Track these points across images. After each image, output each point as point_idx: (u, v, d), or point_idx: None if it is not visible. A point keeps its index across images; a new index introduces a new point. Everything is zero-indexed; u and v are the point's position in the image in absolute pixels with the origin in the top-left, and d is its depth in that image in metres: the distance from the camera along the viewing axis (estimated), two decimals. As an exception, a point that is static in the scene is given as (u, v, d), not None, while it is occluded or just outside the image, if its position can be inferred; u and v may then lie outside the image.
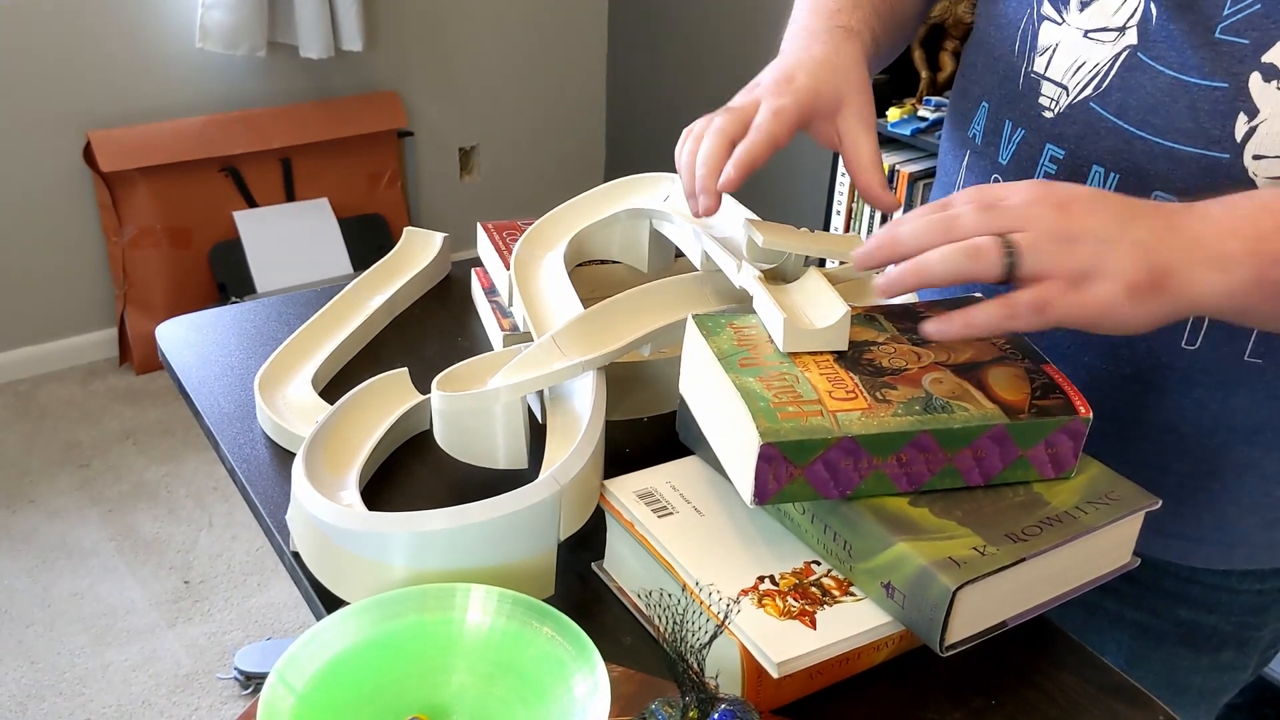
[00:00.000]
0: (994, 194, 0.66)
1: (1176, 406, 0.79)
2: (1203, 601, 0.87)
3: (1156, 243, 0.64)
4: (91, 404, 2.81)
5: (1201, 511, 0.83)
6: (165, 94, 2.83)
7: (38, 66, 2.65)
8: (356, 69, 3.06)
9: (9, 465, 2.56)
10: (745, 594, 0.66)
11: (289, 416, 0.89)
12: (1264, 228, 0.65)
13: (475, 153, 3.39)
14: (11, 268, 2.80)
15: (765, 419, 0.64)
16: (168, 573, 2.27)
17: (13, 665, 2.03)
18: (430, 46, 3.18)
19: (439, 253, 1.12)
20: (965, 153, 0.89)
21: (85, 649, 2.08)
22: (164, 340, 1.02)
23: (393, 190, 3.18)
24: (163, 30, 2.76)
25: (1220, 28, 0.70)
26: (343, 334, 0.99)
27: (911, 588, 0.63)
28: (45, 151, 2.73)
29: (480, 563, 0.68)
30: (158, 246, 2.88)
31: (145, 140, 2.78)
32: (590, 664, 0.60)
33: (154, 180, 2.82)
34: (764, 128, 0.76)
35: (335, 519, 0.69)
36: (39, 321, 2.88)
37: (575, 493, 0.71)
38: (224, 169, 2.93)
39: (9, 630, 2.11)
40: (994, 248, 0.63)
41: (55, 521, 2.40)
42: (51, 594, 2.20)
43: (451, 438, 0.80)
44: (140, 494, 2.50)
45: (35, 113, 2.68)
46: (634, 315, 0.81)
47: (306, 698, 0.59)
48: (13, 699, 1.97)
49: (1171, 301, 0.64)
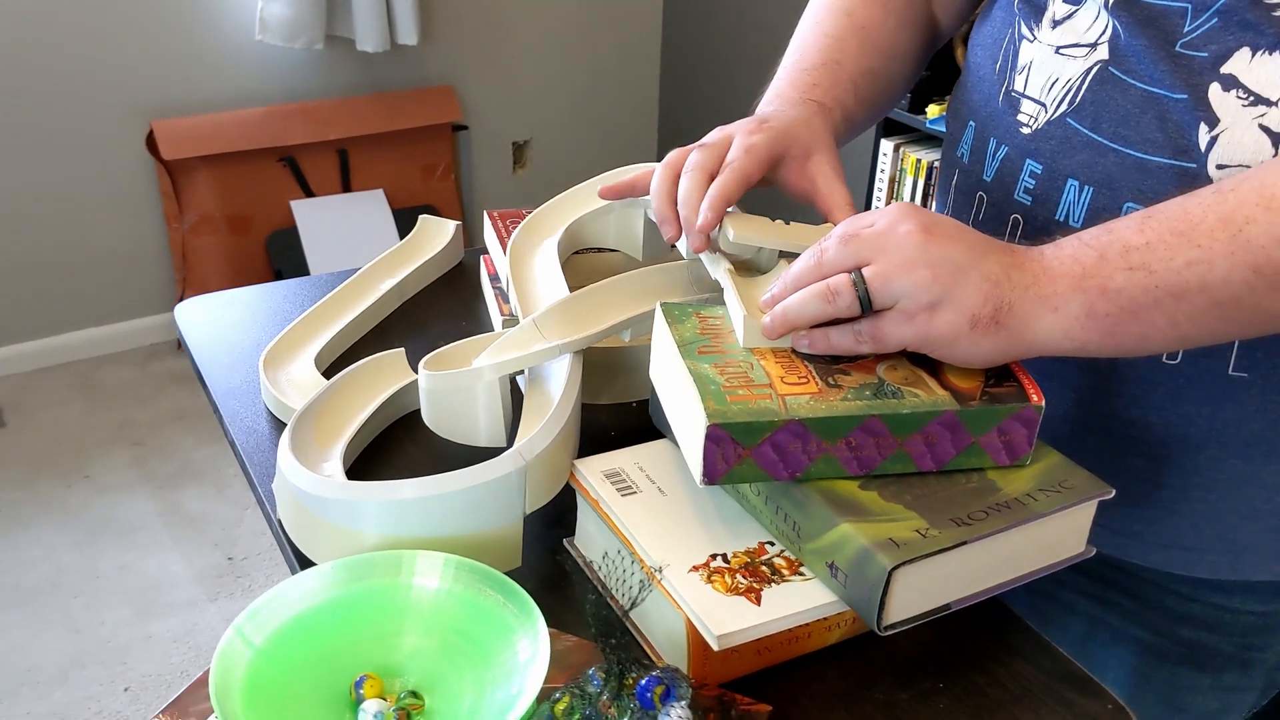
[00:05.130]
0: (860, 223, 0.70)
1: (1164, 422, 0.79)
2: (1205, 620, 0.86)
3: (1003, 278, 0.66)
4: (148, 385, 2.90)
5: (1202, 523, 0.82)
6: (226, 85, 2.91)
7: (104, 57, 2.74)
8: (412, 63, 3.12)
9: (67, 442, 2.65)
10: (696, 570, 0.68)
11: (290, 393, 0.92)
12: (1087, 263, 0.66)
13: (528, 147, 3.44)
14: (77, 252, 2.89)
15: (714, 401, 0.66)
16: (211, 549, 2.34)
17: (58, 634, 2.11)
18: (485, 41, 3.23)
19: (451, 240, 1.15)
20: (954, 172, 0.90)
21: (128, 620, 2.15)
22: (182, 318, 1.06)
23: (446, 182, 3.23)
24: (224, 23, 2.84)
25: (1180, 43, 0.71)
26: (349, 315, 1.02)
27: (853, 567, 0.64)
28: (110, 140, 2.82)
29: (448, 532, 0.71)
30: (217, 233, 2.96)
31: (206, 130, 2.86)
32: (533, 627, 0.62)
33: (214, 169, 2.90)
34: (735, 165, 0.79)
35: (311, 486, 0.73)
36: (102, 304, 2.98)
37: (541, 468, 0.73)
38: (282, 159, 3.00)
39: (56, 600, 2.19)
40: (846, 288, 0.67)
41: (106, 497, 2.48)
42: (99, 566, 2.28)
43: (436, 416, 0.83)
44: (189, 473, 2.57)
45: (100, 102, 2.78)
46: (614, 301, 0.84)
47: (264, 652, 0.62)
48: (56, 666, 2.04)
49: (1010, 338, 0.66)
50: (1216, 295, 0.64)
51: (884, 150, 2.43)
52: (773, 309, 0.71)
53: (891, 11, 0.93)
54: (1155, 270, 0.64)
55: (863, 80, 0.91)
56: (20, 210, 2.79)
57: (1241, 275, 0.63)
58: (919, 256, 0.65)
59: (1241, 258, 0.63)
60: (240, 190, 2.96)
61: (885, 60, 0.93)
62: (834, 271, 0.68)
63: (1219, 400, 0.77)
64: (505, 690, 0.61)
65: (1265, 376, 0.76)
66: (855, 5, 0.93)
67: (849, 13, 0.93)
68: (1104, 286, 0.65)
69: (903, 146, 2.41)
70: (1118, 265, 0.65)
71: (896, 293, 0.66)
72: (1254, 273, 0.63)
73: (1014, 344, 0.67)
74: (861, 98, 0.91)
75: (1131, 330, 0.66)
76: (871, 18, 0.93)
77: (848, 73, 0.90)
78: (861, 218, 0.70)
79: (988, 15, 0.89)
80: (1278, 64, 0.68)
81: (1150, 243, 0.65)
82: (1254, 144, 0.69)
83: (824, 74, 0.89)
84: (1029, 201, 0.80)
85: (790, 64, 0.92)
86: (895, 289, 0.66)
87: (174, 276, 3.01)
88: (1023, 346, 0.67)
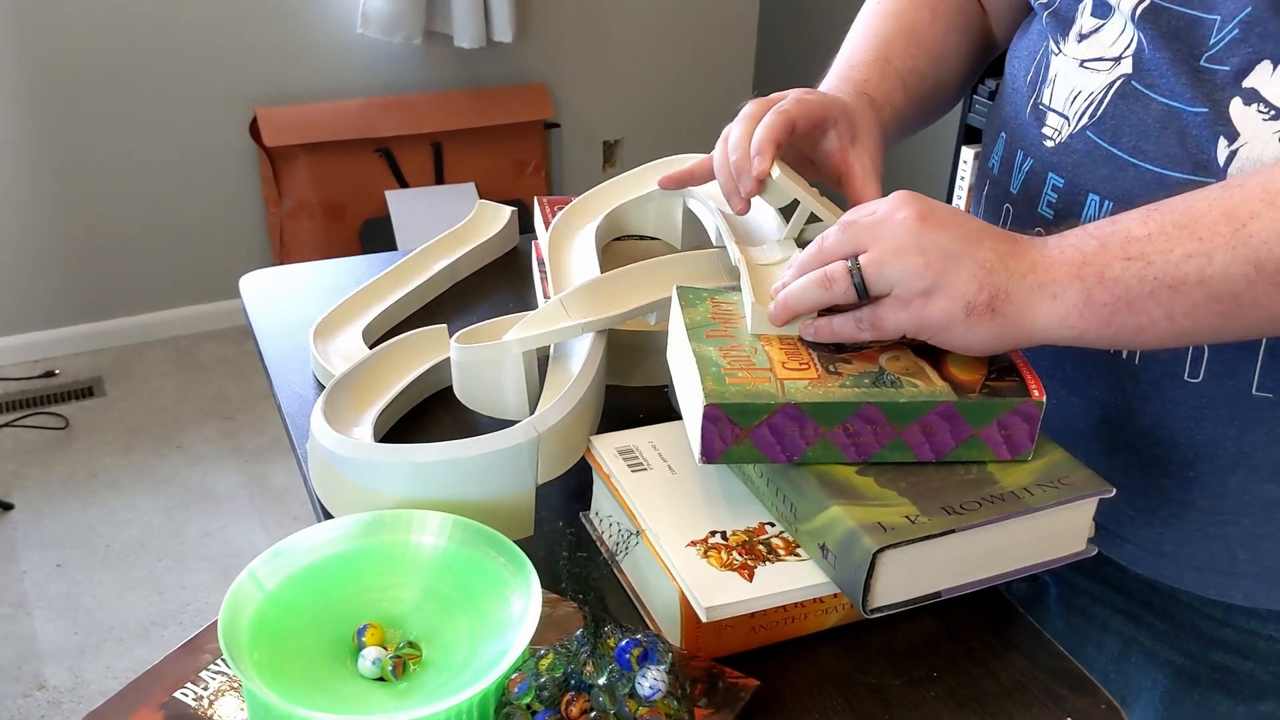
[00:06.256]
0: (861, 211, 0.71)
1: (1190, 443, 0.78)
2: (1238, 646, 0.85)
3: (999, 265, 0.66)
4: (243, 362, 3.01)
5: (1235, 548, 0.81)
6: (327, 76, 3.00)
7: (212, 46, 2.85)
8: (507, 60, 3.18)
9: (164, 412, 2.77)
10: (694, 545, 0.70)
11: (336, 362, 0.96)
12: (1087, 251, 0.66)
13: (619, 146, 3.48)
14: (180, 232, 3.02)
15: (713, 381, 0.68)
16: (291, 522, 2.43)
17: (143, 594, 2.21)
18: (579, 40, 3.28)
19: (506, 225, 1.19)
20: (986, 182, 0.91)
21: (208, 585, 2.24)
22: (246, 288, 1.12)
23: (537, 179, 3.29)
24: (327, 16, 2.94)
25: (1205, 56, 0.70)
26: (400, 292, 1.06)
27: (841, 549, 0.66)
28: (215, 125, 2.93)
29: (461, 495, 0.74)
30: (313, 219, 3.06)
31: (306, 119, 2.96)
32: (527, 585, 0.65)
33: (313, 157, 3.00)
34: (785, 108, 0.80)
35: (336, 446, 0.77)
36: (203, 282, 3.10)
37: (554, 441, 0.76)
38: (378, 149, 3.08)
39: (144, 562, 2.29)
40: (842, 274, 0.68)
41: (197, 467, 2.59)
42: (186, 532, 2.38)
43: (466, 388, 0.86)
44: (276, 448, 2.66)
45: (208, 89, 2.89)
46: (640, 285, 0.86)
47: (273, 596, 0.66)
48: (139, 623, 2.14)
49: (1007, 325, 0.67)
50: (1214, 289, 0.63)
51: (964, 158, 2.40)
52: (775, 301, 0.73)
53: (940, 15, 0.94)
54: (1153, 261, 0.64)
55: (911, 78, 0.92)
56: (128, 191, 2.92)
57: (1241, 270, 0.63)
58: (912, 243, 0.66)
59: (1242, 252, 0.62)
60: (337, 178, 3.06)
61: (934, 61, 0.94)
62: (833, 258, 0.70)
63: (1245, 422, 0.76)
64: (497, 644, 0.63)
65: None
66: (904, 8, 0.94)
67: (897, 15, 0.94)
68: (1101, 275, 0.65)
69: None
70: (1116, 255, 0.65)
71: (890, 279, 0.67)
72: (1254, 268, 0.62)
73: (1011, 331, 0.67)
74: (911, 95, 0.92)
75: (1128, 321, 0.66)
76: (919, 20, 0.93)
77: (895, 69, 0.91)
78: (864, 206, 0.71)
79: (1027, 28, 0.89)
80: None
81: (1151, 234, 0.65)
82: (1274, 158, 0.68)
83: (873, 70, 0.90)
84: (1051, 215, 0.81)
85: (840, 63, 0.93)
86: (889, 275, 0.67)
87: (271, 259, 3.12)
88: (1021, 334, 0.67)
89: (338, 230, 3.10)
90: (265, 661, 0.62)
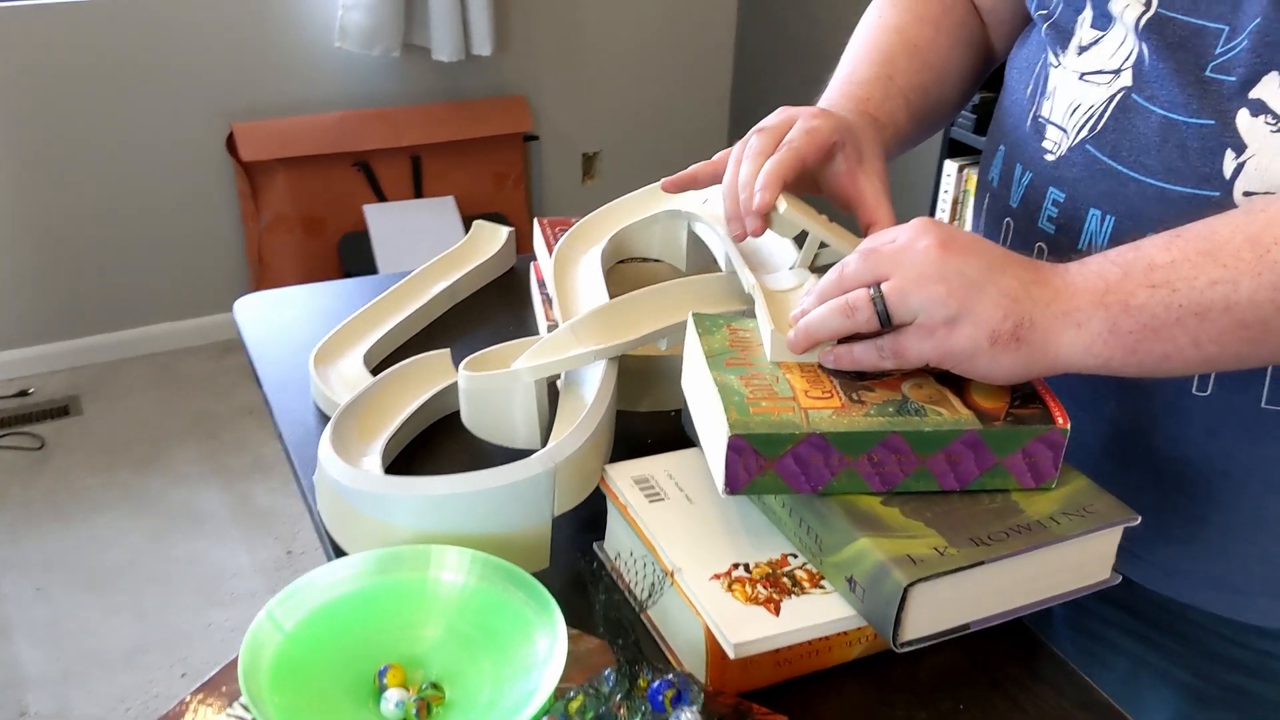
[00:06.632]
0: (882, 238, 0.70)
1: (1203, 457, 0.78)
2: (1250, 666, 0.84)
3: (1022, 293, 0.66)
4: (224, 379, 2.97)
5: (1251, 565, 0.80)
6: (304, 90, 2.98)
7: (188, 61, 2.83)
8: (486, 73, 3.17)
9: (145, 431, 2.73)
10: (717, 578, 0.69)
11: (338, 389, 0.95)
12: (1110, 279, 0.65)
13: (598, 158, 3.47)
14: (157, 249, 2.98)
15: (737, 411, 0.67)
16: (274, 542, 2.40)
17: (126, 618, 2.18)
18: (558, 54, 3.27)
19: (504, 246, 1.18)
20: (986, 195, 0.90)
21: (191, 608, 2.21)
22: (240, 313, 1.10)
23: (517, 191, 3.27)
24: (304, 30, 2.92)
25: (1210, 66, 0.70)
26: (400, 316, 1.05)
27: (870, 582, 0.65)
28: (192, 140, 2.91)
29: (477, 529, 0.73)
30: (291, 234, 3.04)
31: (284, 133, 2.94)
32: (552, 623, 0.64)
33: (291, 171, 2.97)
34: (794, 144, 0.79)
35: (347, 479, 0.75)
36: (182, 298, 3.07)
37: (570, 472, 0.75)
38: (357, 163, 3.06)
39: (126, 585, 2.26)
40: (864, 303, 0.67)
41: (180, 486, 2.55)
42: (169, 555, 2.35)
43: (475, 416, 0.85)
44: (259, 466, 2.64)
45: (184, 103, 2.86)
46: (651, 311, 0.85)
47: (293, 637, 0.64)
48: (120, 648, 2.11)
49: (1032, 354, 0.66)
50: (1241, 316, 0.63)
51: (947, 171, 2.41)
52: (796, 328, 0.72)
53: (944, 31, 0.94)
54: (1178, 289, 0.64)
55: (914, 95, 0.91)
56: (105, 206, 2.88)
57: (1268, 296, 0.62)
58: (934, 271, 0.66)
59: (1268, 278, 0.62)
60: (315, 193, 3.03)
61: (937, 77, 0.93)
62: (854, 286, 0.69)
63: (1256, 436, 0.76)
64: (523, 685, 0.62)
65: None
66: (906, 23, 0.93)
67: (900, 30, 0.93)
68: (1126, 303, 0.65)
69: (966, 168, 2.39)
70: (1140, 282, 0.64)
71: (913, 308, 0.66)
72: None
73: (1036, 360, 0.67)
74: (913, 113, 0.91)
75: (1154, 349, 0.65)
76: (922, 35, 0.93)
77: (899, 87, 0.90)
78: (885, 233, 0.71)
79: (1026, 39, 0.89)
80: None
81: (1175, 260, 0.64)
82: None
83: (876, 88, 0.89)
84: (1052, 230, 0.80)
85: (841, 78, 0.92)
86: (911, 304, 0.66)
87: (249, 274, 3.09)
88: (1045, 363, 0.67)
89: (316, 245, 3.07)
90: (288, 704, 0.60)
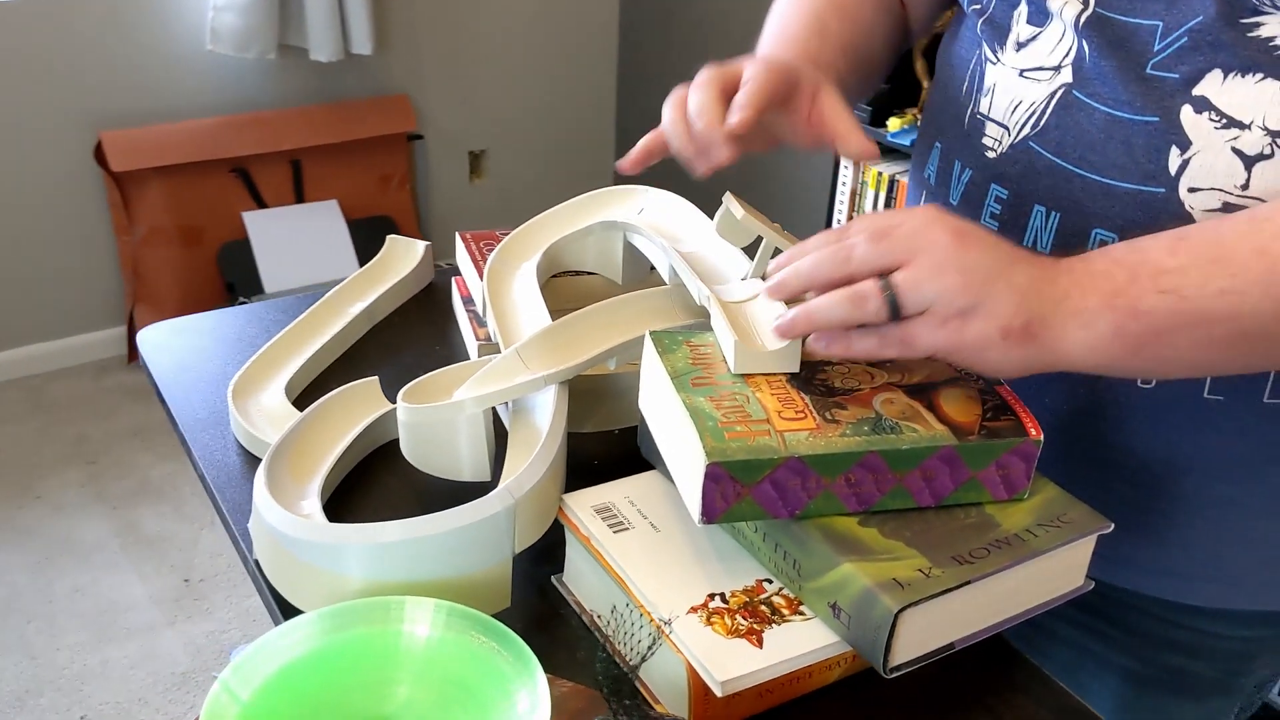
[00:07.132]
0: (888, 221, 0.67)
1: (1146, 447, 0.79)
2: (1189, 646, 0.86)
3: (1033, 290, 0.65)
4: (101, 401, 2.84)
5: (1193, 550, 0.81)
6: (176, 95, 2.85)
7: (50, 66, 2.68)
8: (366, 72, 3.08)
9: (19, 459, 2.59)
10: (694, 611, 0.66)
11: (261, 424, 0.89)
12: (1118, 281, 0.65)
13: (485, 156, 3.40)
14: (24, 265, 2.82)
15: (712, 438, 0.64)
16: (169, 570, 2.29)
17: (13, 660, 2.05)
18: (440, 50, 3.20)
19: (421, 261, 1.13)
20: (922, 193, 0.89)
21: (85, 645, 2.10)
22: (144, 345, 1.03)
23: (402, 193, 3.19)
24: (174, 32, 2.79)
25: (1151, 64, 0.70)
26: (319, 341, 0.99)
27: (856, 608, 0.63)
28: (57, 151, 2.75)
29: (435, 575, 0.69)
30: (168, 245, 2.91)
31: (156, 140, 2.81)
32: (531, 677, 0.60)
33: (165, 180, 2.85)
34: (758, 74, 0.74)
35: (291, 529, 0.70)
36: (51, 318, 2.91)
37: (531, 505, 0.71)
38: (234, 170, 2.95)
39: (11, 625, 2.13)
40: (876, 293, 0.65)
41: (61, 517, 2.42)
42: (54, 589, 2.22)
43: (416, 449, 0.80)
44: (145, 491, 2.52)
45: (47, 112, 2.71)
46: (598, 329, 0.82)
47: (251, 706, 0.60)
48: (11, 693, 1.99)
49: (1041, 351, 0.65)
50: (1244, 325, 0.63)
51: (844, 163, 2.42)
52: (794, 312, 0.68)
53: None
54: (1188, 295, 0.63)
55: (849, 51, 0.89)
56: (-36, 224, 2.72)
57: (1272, 308, 0.62)
58: (951, 262, 0.64)
59: (1275, 292, 0.62)
60: (191, 202, 2.91)
61: (866, 38, 0.91)
62: (863, 270, 0.65)
63: (1199, 424, 0.77)
64: (503, 743, 0.58)
65: (1241, 400, 0.75)
66: None
67: None
68: (1134, 307, 0.64)
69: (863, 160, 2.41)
70: (1149, 287, 0.64)
71: (928, 298, 0.64)
72: None
73: (1043, 356, 0.65)
74: (850, 65, 0.89)
75: (1157, 352, 0.65)
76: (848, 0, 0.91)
77: (834, 39, 0.88)
78: (885, 215, 0.68)
79: (956, 34, 0.88)
80: (1250, 86, 0.67)
81: (1184, 266, 0.64)
82: (1226, 167, 0.69)
83: (812, 41, 0.86)
84: (996, 227, 0.79)
85: (774, 35, 0.88)
86: (926, 294, 0.64)
87: (124, 289, 2.95)
88: (1051, 359, 0.66)
89: (195, 256, 2.95)
90: (252, 785, 0.56)
